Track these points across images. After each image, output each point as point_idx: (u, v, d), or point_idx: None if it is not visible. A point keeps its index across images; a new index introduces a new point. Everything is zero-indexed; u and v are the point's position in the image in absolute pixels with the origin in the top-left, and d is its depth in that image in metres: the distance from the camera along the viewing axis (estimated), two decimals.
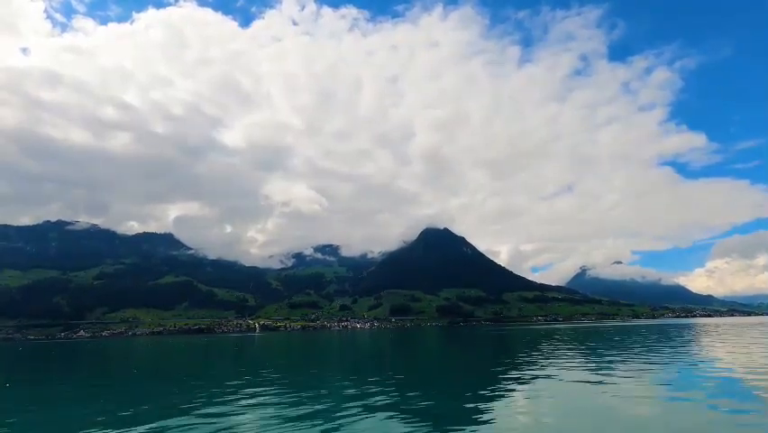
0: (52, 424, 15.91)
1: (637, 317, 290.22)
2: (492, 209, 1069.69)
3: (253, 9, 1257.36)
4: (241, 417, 15.04)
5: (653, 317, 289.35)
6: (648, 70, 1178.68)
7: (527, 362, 30.07)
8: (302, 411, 15.52)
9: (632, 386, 18.56)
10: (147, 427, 13.98)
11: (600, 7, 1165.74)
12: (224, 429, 13.36)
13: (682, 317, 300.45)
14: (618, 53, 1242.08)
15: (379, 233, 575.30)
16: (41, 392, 24.97)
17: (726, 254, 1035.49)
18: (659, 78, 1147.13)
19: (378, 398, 17.75)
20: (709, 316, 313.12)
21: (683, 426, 12.67)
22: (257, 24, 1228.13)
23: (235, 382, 24.21)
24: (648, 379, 20.56)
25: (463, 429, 12.71)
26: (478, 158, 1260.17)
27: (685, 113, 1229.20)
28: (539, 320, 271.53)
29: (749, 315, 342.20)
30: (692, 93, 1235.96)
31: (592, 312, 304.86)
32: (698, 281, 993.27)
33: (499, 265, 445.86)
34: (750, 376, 20.32)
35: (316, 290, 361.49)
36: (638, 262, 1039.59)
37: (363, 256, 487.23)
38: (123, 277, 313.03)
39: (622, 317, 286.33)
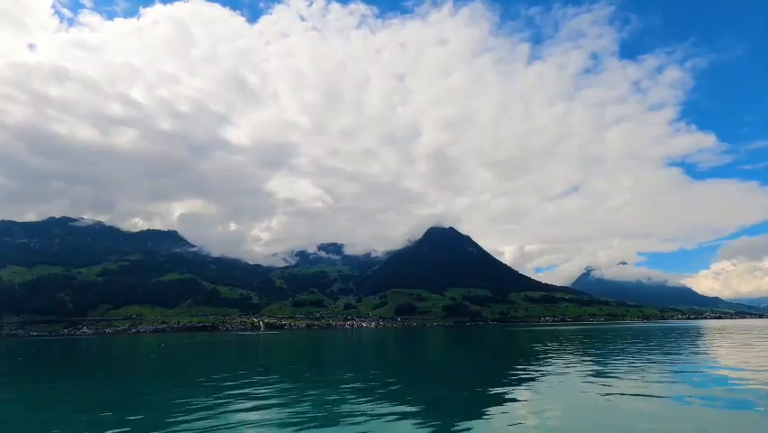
0: None
1: (646, 318, 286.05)
2: (498, 209, 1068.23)
3: (261, 4, 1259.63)
4: (248, 415, 14.88)
5: (663, 319, 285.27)
6: (659, 69, 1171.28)
7: (544, 363, 27.31)
8: (306, 411, 15.25)
9: (648, 394, 16.81)
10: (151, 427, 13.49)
11: (612, 3, 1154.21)
12: (229, 428, 13.03)
13: (692, 319, 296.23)
14: (630, 51, 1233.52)
15: (384, 232, 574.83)
16: None
17: (733, 256, 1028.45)
18: (670, 77, 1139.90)
19: (384, 397, 17.48)
20: (719, 318, 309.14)
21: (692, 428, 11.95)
22: (265, 20, 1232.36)
23: (241, 381, 23.17)
24: (667, 386, 18.62)
25: (466, 429, 12.41)
26: (484, 157, 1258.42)
27: (695, 112, 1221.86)
28: (547, 321, 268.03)
29: (761, 317, 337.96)
30: (703, 92, 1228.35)
31: (600, 313, 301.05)
32: (702, 283, 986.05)
33: (505, 265, 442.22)
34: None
35: (320, 288, 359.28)
36: (644, 263, 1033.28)
37: (368, 255, 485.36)
38: (126, 274, 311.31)
39: (632, 319, 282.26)
